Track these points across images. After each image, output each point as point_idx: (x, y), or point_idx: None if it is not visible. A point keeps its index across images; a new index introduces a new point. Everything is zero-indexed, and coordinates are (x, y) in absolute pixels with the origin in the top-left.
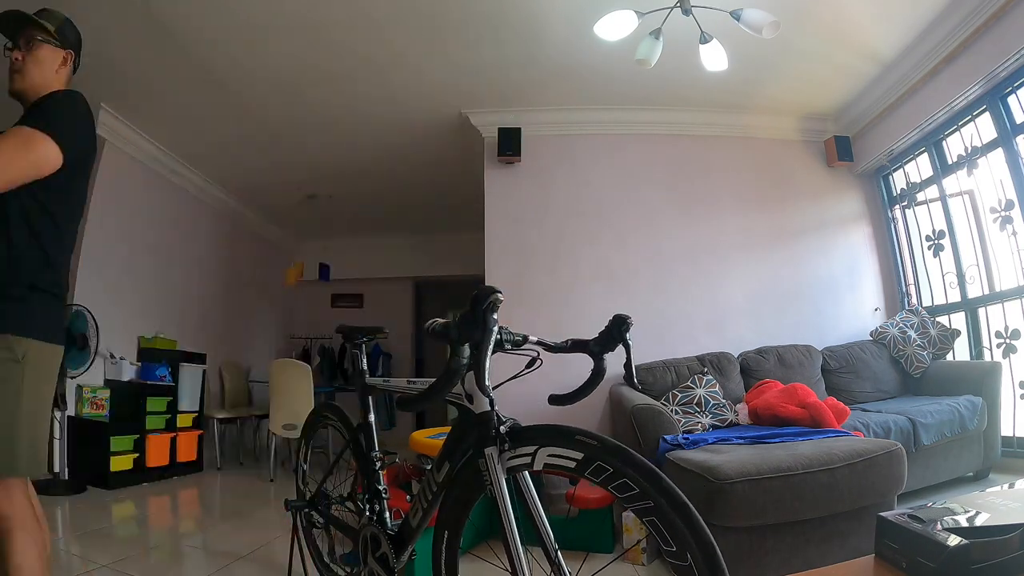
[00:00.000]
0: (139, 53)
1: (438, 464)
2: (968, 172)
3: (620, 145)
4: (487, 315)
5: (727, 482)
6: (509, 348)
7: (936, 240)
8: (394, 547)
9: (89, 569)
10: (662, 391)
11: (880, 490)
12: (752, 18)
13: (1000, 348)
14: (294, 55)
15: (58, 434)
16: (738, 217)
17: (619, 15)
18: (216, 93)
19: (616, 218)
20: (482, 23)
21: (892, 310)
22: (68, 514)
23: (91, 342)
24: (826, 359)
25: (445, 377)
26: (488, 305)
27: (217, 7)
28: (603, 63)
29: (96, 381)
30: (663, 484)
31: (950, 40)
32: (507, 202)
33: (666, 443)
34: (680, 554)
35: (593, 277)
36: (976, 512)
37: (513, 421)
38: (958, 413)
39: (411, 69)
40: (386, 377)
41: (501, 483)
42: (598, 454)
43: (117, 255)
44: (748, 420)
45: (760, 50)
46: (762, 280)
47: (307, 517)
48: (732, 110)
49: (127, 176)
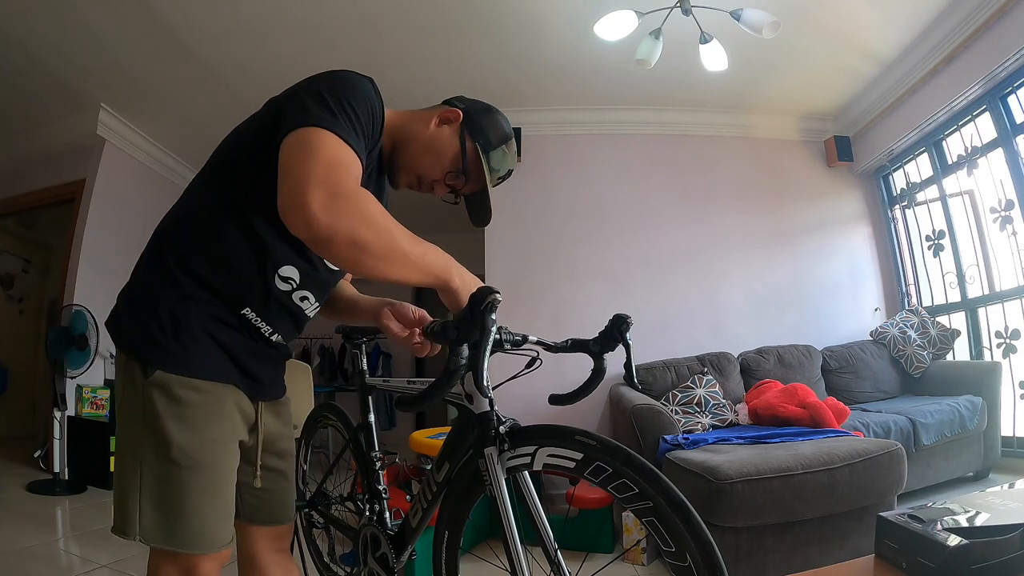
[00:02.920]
0: (139, 52)
1: (438, 464)
2: (968, 172)
3: (620, 145)
4: (485, 316)
5: (727, 482)
6: (509, 348)
7: (936, 240)
8: (394, 547)
9: (89, 569)
10: (662, 391)
11: (880, 490)
12: (752, 18)
13: (1000, 348)
14: (294, 54)
15: (58, 434)
16: (738, 217)
17: (619, 15)
18: (216, 92)
19: (616, 218)
20: (482, 23)
21: (892, 310)
22: (68, 514)
23: (91, 342)
24: (826, 359)
25: (443, 378)
26: (486, 306)
27: (218, 6)
28: (603, 63)
29: (96, 381)
30: (662, 484)
31: (950, 40)
32: (507, 202)
33: (666, 443)
34: (679, 555)
35: (593, 277)
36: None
37: (513, 421)
38: (958, 413)
39: (411, 69)
40: (386, 377)
41: (500, 483)
42: (597, 454)
43: (117, 255)
44: (748, 420)
45: (760, 50)
46: (762, 280)
47: (307, 517)
48: (732, 110)
49: (127, 176)
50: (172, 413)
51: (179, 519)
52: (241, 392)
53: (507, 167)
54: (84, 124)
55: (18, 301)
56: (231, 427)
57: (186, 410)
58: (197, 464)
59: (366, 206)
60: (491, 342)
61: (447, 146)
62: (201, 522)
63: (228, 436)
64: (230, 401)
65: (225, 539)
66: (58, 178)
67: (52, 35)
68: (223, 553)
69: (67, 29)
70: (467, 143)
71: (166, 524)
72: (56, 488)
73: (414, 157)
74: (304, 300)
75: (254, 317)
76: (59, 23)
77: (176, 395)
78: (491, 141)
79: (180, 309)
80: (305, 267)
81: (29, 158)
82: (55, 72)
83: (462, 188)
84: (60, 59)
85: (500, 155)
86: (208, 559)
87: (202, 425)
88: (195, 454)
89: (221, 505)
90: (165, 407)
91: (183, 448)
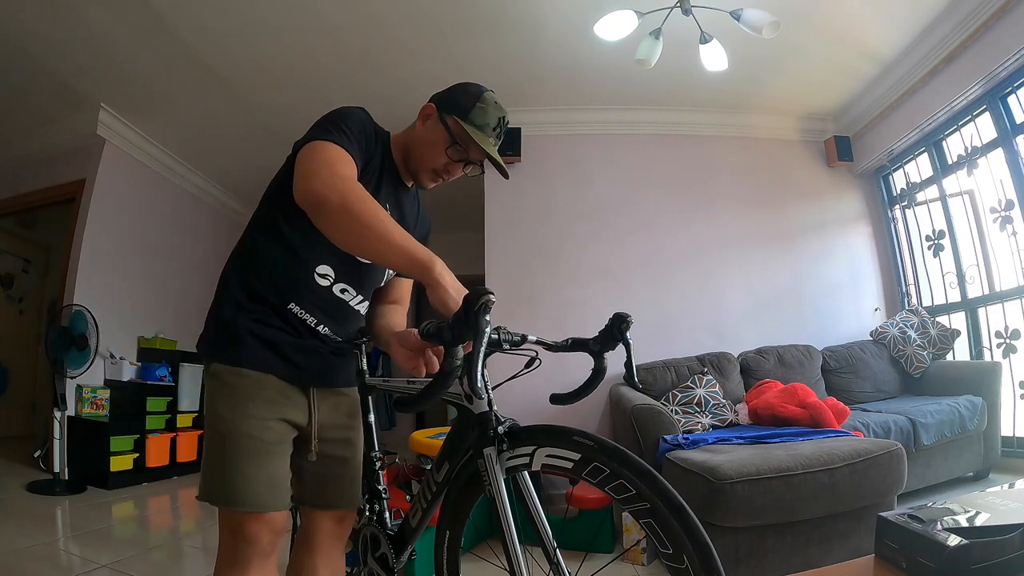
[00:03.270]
0: (139, 52)
1: (438, 464)
2: (968, 172)
3: (620, 145)
4: (479, 317)
5: (727, 482)
6: (508, 348)
7: (936, 240)
8: (394, 547)
9: (89, 569)
10: (662, 391)
11: (880, 490)
12: (752, 18)
13: (1000, 348)
14: (295, 54)
15: (58, 434)
16: (738, 217)
17: (619, 15)
18: (217, 92)
19: (616, 218)
20: (482, 23)
21: (892, 310)
22: (68, 514)
23: (91, 342)
24: (826, 359)
25: (439, 378)
26: (480, 307)
27: (218, 6)
28: (603, 63)
29: (96, 381)
30: (660, 486)
31: (950, 40)
32: (507, 202)
33: (666, 443)
34: (677, 556)
35: (593, 277)
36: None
37: (512, 421)
38: (958, 413)
39: (412, 68)
40: (386, 377)
41: (500, 483)
42: (595, 455)
43: (117, 255)
44: (748, 420)
45: (760, 50)
46: (762, 280)
47: None
48: (732, 110)
49: (127, 176)
50: (221, 393)
51: (224, 480)
52: (286, 380)
53: (494, 117)
54: (84, 124)
55: (18, 301)
56: (270, 407)
57: (232, 391)
58: (238, 433)
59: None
60: (485, 343)
61: (435, 133)
62: (244, 482)
63: (267, 414)
64: (270, 386)
65: (268, 503)
66: (58, 178)
67: (52, 35)
68: (272, 521)
69: (67, 29)
70: (448, 121)
71: (215, 485)
72: (56, 488)
73: (419, 156)
74: (344, 292)
75: (299, 311)
76: (59, 23)
77: (224, 380)
78: (463, 106)
79: (232, 317)
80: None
81: (29, 158)
82: (55, 72)
83: (473, 157)
84: (60, 59)
85: (479, 112)
86: (253, 521)
87: (243, 403)
88: (237, 424)
89: (263, 471)
90: (216, 389)
91: (227, 420)
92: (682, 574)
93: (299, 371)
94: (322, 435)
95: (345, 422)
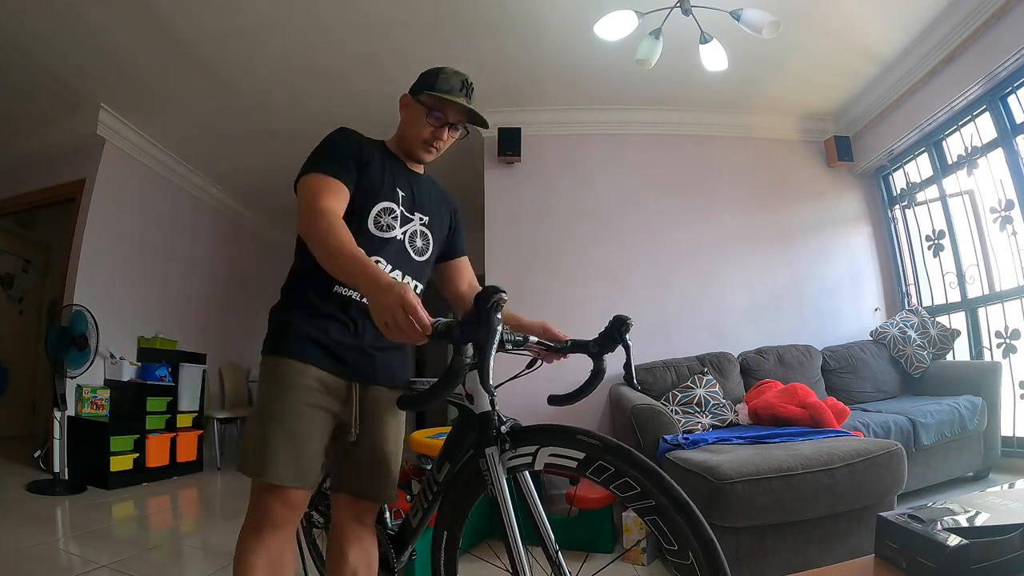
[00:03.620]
0: (139, 52)
1: (438, 464)
2: (968, 172)
3: (620, 145)
4: (491, 314)
5: (727, 482)
6: (510, 348)
7: (936, 240)
8: (394, 547)
9: (89, 569)
10: (662, 391)
11: (880, 490)
12: (752, 18)
13: (1000, 348)
14: (295, 54)
15: (58, 434)
16: (738, 217)
17: (619, 15)
18: (216, 92)
19: (616, 218)
20: (482, 23)
21: (892, 310)
22: (68, 514)
23: (91, 342)
24: (826, 359)
25: (448, 377)
26: (492, 304)
27: (218, 6)
28: (603, 63)
29: (96, 381)
30: (665, 483)
31: (950, 40)
32: (507, 202)
33: (666, 443)
34: (682, 553)
35: (593, 277)
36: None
37: (514, 421)
38: (958, 413)
39: (411, 68)
40: None
41: (502, 483)
42: (600, 454)
43: (117, 255)
44: (748, 420)
45: (760, 50)
46: (762, 280)
47: (307, 517)
48: (732, 110)
49: (127, 176)
50: (264, 380)
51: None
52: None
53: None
54: (84, 124)
55: (18, 301)
56: (309, 395)
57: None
58: (271, 413)
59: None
60: (497, 341)
61: (415, 113)
62: (269, 457)
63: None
64: (311, 376)
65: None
66: (58, 178)
67: (52, 35)
68: (287, 496)
69: (67, 29)
70: (421, 97)
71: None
72: (56, 488)
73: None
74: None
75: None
76: (59, 23)
77: (269, 368)
78: (429, 82)
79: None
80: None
81: (29, 158)
82: (55, 72)
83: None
84: (60, 59)
85: (443, 80)
86: (268, 492)
87: (283, 388)
88: (271, 406)
89: (290, 450)
90: (262, 377)
91: (265, 402)
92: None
93: (340, 365)
94: (363, 426)
95: (383, 417)
